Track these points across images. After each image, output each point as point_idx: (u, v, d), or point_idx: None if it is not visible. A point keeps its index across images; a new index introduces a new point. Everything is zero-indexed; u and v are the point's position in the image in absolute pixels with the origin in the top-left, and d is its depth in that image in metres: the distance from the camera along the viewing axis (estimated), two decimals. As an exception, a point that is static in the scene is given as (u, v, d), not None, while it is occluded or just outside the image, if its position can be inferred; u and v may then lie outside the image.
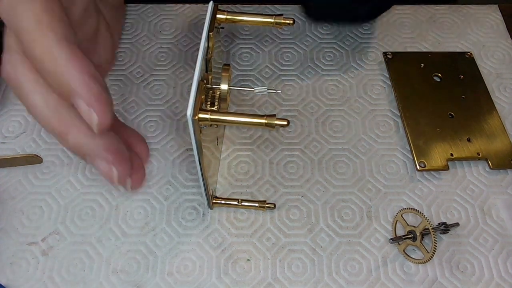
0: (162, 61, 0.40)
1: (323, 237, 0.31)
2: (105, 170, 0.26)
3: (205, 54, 0.26)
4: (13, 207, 0.32)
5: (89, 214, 0.32)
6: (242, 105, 0.37)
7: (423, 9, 0.44)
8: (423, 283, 0.30)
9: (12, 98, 0.37)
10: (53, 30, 0.23)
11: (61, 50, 0.23)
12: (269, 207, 0.32)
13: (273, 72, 0.40)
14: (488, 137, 0.36)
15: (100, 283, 0.29)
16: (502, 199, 0.33)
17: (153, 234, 0.31)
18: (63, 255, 0.30)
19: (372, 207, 0.33)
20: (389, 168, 0.35)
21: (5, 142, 0.35)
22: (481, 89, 0.38)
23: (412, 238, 0.30)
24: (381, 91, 0.39)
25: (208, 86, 0.27)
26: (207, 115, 0.24)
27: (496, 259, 0.31)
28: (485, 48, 0.42)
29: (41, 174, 0.33)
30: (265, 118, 0.24)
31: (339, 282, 0.30)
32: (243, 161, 0.35)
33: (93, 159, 0.26)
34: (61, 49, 0.23)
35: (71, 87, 0.23)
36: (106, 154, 0.25)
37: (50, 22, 0.24)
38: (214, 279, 0.30)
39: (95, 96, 0.23)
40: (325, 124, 0.37)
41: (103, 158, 0.25)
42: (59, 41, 0.23)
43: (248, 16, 0.29)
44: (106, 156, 0.25)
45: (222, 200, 0.32)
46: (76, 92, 0.23)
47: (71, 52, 0.23)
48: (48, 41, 0.23)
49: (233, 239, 0.31)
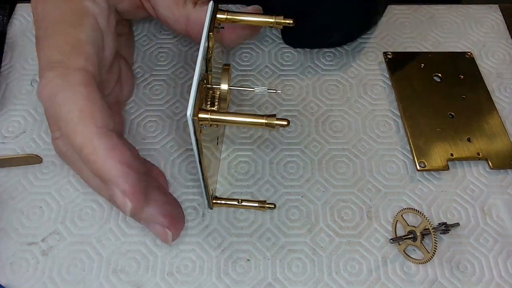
0: (162, 61, 0.40)
1: (323, 237, 0.31)
2: (160, 233, 0.27)
3: (205, 54, 0.26)
4: (13, 207, 0.32)
5: (89, 214, 0.32)
6: (242, 105, 0.37)
7: (423, 9, 0.44)
8: (423, 283, 0.30)
9: (12, 98, 0.37)
10: (94, 119, 0.24)
11: (101, 141, 0.23)
12: (269, 207, 0.32)
13: (273, 72, 0.40)
14: (488, 137, 0.36)
15: (100, 283, 0.29)
16: (502, 199, 0.33)
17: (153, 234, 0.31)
18: (63, 255, 0.30)
19: (372, 207, 0.33)
20: (389, 168, 0.35)
21: (5, 142, 0.35)
22: (481, 89, 0.38)
23: (412, 238, 0.30)
24: (381, 91, 0.39)
25: (208, 86, 0.27)
26: (207, 115, 0.24)
27: (496, 259, 0.31)
28: (485, 48, 0.42)
29: (41, 174, 0.33)
30: (265, 118, 0.24)
31: (339, 282, 0.30)
32: (243, 161, 0.35)
33: (148, 223, 0.27)
34: (100, 139, 0.23)
35: (109, 177, 0.23)
36: (163, 220, 0.27)
37: (92, 111, 0.24)
38: (214, 279, 0.30)
39: (131, 187, 0.23)
40: (325, 124, 0.37)
41: (160, 223, 0.27)
42: (99, 130, 0.23)
43: (248, 16, 0.29)
44: (163, 221, 0.27)
45: (222, 200, 0.32)
46: (114, 182, 0.23)
47: (111, 142, 0.23)
48: (88, 131, 0.23)
49: (233, 239, 0.31)
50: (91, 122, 0.23)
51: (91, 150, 0.23)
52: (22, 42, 0.40)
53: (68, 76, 0.24)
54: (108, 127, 0.24)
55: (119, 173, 0.23)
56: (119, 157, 0.23)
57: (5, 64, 0.39)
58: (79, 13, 0.27)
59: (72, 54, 0.25)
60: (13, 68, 0.39)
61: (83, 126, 0.23)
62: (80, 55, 0.25)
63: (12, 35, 0.41)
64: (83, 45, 0.26)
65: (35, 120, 0.36)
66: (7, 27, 0.41)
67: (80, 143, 0.23)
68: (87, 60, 0.25)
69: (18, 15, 0.42)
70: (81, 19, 0.27)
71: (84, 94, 0.24)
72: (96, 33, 0.27)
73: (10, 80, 0.38)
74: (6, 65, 0.39)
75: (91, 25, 0.27)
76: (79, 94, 0.24)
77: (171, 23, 0.32)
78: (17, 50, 0.40)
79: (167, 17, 0.32)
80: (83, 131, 0.23)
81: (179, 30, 0.32)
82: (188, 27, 0.31)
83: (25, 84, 0.38)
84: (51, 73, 0.24)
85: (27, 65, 0.39)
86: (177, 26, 0.32)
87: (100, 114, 0.24)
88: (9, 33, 0.41)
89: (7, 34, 0.41)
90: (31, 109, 0.36)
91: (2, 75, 0.38)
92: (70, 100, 0.24)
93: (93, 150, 0.23)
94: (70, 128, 0.24)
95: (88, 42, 0.26)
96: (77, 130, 0.23)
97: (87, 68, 0.25)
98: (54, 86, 0.24)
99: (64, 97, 0.24)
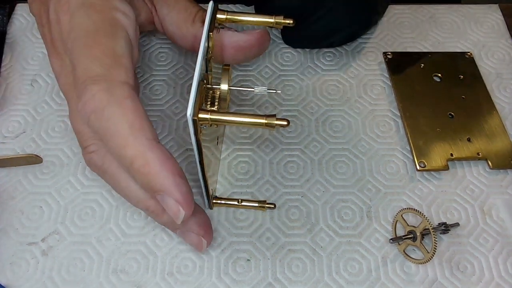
0: (162, 61, 0.40)
1: (323, 237, 0.31)
2: (196, 242, 0.28)
3: (205, 54, 0.26)
4: (13, 207, 0.32)
5: (89, 214, 0.32)
6: (242, 105, 0.37)
7: (423, 9, 0.44)
8: (423, 283, 0.30)
9: (12, 98, 0.37)
10: (144, 132, 0.24)
11: (153, 153, 0.24)
12: (269, 207, 0.32)
13: (273, 72, 0.40)
14: (488, 137, 0.36)
15: (100, 283, 0.29)
16: (502, 199, 0.33)
17: (153, 234, 0.31)
18: (63, 255, 0.30)
19: (372, 207, 0.33)
20: (389, 168, 0.35)
21: (5, 142, 0.35)
22: (481, 89, 0.38)
23: (412, 238, 0.30)
24: (381, 91, 0.39)
25: (208, 86, 0.27)
26: (207, 115, 0.24)
27: (496, 259, 0.31)
28: (485, 48, 0.42)
29: (41, 174, 0.33)
30: (265, 118, 0.24)
31: (339, 282, 0.30)
32: (243, 161, 0.35)
33: (184, 233, 0.28)
34: (152, 152, 0.24)
35: (162, 187, 0.24)
36: (198, 229, 0.28)
37: (141, 124, 0.24)
38: (214, 279, 0.30)
39: (183, 196, 0.24)
40: (325, 124, 0.37)
41: (195, 232, 0.28)
42: (150, 143, 0.24)
43: (248, 16, 0.29)
44: (198, 230, 0.28)
45: (222, 200, 0.32)
46: (167, 192, 0.24)
47: (163, 154, 0.24)
48: (140, 144, 0.24)
49: (233, 239, 0.31)
50: (142, 135, 0.24)
51: (143, 162, 0.23)
52: (22, 42, 0.40)
53: (113, 90, 0.24)
54: (156, 139, 0.24)
55: (173, 183, 0.24)
56: (172, 168, 0.24)
57: (5, 64, 0.39)
58: (111, 24, 0.27)
59: (114, 68, 0.25)
60: (13, 68, 0.39)
61: (134, 139, 0.23)
62: (121, 69, 0.25)
63: (12, 35, 0.41)
64: (121, 58, 0.26)
65: (35, 120, 0.36)
66: (7, 27, 0.41)
67: (131, 156, 0.23)
68: (126, 73, 0.25)
69: (18, 15, 0.42)
70: (115, 31, 0.27)
71: (131, 108, 0.24)
72: (128, 45, 0.27)
73: (10, 80, 0.38)
74: (6, 65, 0.39)
75: (124, 37, 0.27)
76: (126, 108, 0.24)
77: (178, 39, 0.33)
78: (17, 50, 0.40)
79: (174, 33, 0.33)
80: (134, 144, 0.23)
81: (185, 46, 0.33)
82: (195, 44, 0.32)
83: (25, 84, 0.38)
84: (95, 86, 0.24)
85: (27, 65, 0.39)
86: (184, 42, 0.33)
87: (149, 127, 0.24)
88: (9, 33, 0.41)
89: (7, 34, 0.41)
90: (31, 109, 0.36)
91: (2, 75, 0.38)
92: (119, 114, 0.24)
93: (146, 162, 0.23)
94: (120, 142, 0.24)
95: (124, 55, 0.26)
96: (128, 143, 0.24)
97: (128, 82, 0.25)
98: (100, 100, 0.24)
99: (112, 112, 0.24)
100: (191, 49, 0.33)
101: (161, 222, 0.28)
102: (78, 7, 0.27)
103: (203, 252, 0.29)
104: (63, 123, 0.36)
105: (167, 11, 0.33)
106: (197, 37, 0.32)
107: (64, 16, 0.27)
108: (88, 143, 0.27)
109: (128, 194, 0.27)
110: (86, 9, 0.27)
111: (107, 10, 0.27)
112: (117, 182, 0.27)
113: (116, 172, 0.26)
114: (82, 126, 0.27)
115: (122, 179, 0.26)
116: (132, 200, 0.27)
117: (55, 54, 0.29)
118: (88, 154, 0.27)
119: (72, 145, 0.35)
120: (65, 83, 0.28)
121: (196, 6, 0.33)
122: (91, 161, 0.27)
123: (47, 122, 0.36)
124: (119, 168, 0.26)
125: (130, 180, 0.26)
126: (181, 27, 0.32)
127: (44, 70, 0.39)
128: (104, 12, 0.27)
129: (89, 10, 0.27)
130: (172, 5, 0.33)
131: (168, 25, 0.33)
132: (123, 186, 0.27)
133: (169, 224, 0.28)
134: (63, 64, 0.29)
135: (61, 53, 0.29)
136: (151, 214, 0.27)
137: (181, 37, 0.33)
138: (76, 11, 0.27)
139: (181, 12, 0.32)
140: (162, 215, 0.27)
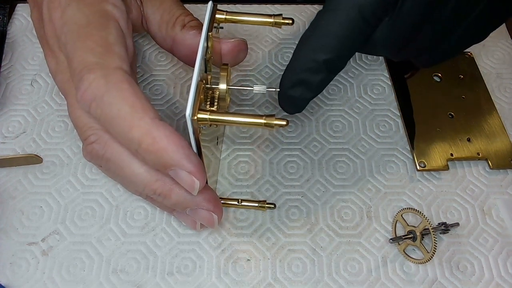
0: (162, 61, 0.40)
1: (323, 237, 0.31)
2: (207, 218, 0.28)
3: (204, 54, 0.26)
4: (13, 207, 0.32)
5: (89, 214, 0.32)
6: (242, 105, 0.38)
7: (423, 9, 0.44)
8: (423, 283, 0.30)
9: (12, 98, 0.37)
10: (147, 112, 0.24)
11: (159, 130, 0.24)
12: (269, 207, 0.32)
13: (273, 72, 0.40)
14: (488, 137, 0.36)
15: (100, 283, 0.29)
16: (502, 199, 0.33)
17: (153, 234, 0.31)
18: (63, 255, 0.30)
19: (372, 207, 0.33)
20: (389, 168, 0.35)
21: (5, 142, 0.35)
22: (481, 89, 0.38)
23: (412, 238, 0.30)
24: (381, 91, 0.39)
25: (207, 86, 0.27)
26: (206, 115, 0.24)
27: (496, 259, 0.31)
28: (485, 48, 0.42)
29: (41, 174, 0.33)
30: (264, 118, 0.24)
31: (339, 282, 0.30)
32: (243, 161, 0.35)
33: (194, 211, 0.28)
34: (158, 129, 0.24)
35: (173, 162, 0.24)
36: (208, 205, 0.27)
37: (142, 105, 0.25)
38: (214, 279, 0.30)
39: (195, 166, 0.24)
40: (325, 124, 0.37)
41: (205, 208, 0.27)
42: (154, 121, 0.24)
43: (248, 16, 0.29)
44: (208, 205, 0.27)
45: (222, 200, 0.32)
46: (179, 165, 0.24)
47: (167, 130, 0.24)
48: (145, 124, 0.24)
49: (233, 239, 0.31)
50: (145, 115, 0.24)
51: (151, 140, 0.24)
52: (22, 42, 0.40)
53: (109, 76, 0.25)
54: (159, 117, 0.25)
55: (183, 155, 0.24)
56: (179, 142, 0.24)
57: (5, 64, 0.39)
58: (102, 16, 0.27)
59: (107, 55, 0.26)
60: (13, 68, 0.39)
61: (139, 120, 0.24)
62: (114, 55, 0.26)
63: (12, 35, 0.41)
64: (114, 46, 0.26)
65: (35, 120, 0.36)
66: (7, 27, 0.41)
67: (139, 136, 0.24)
68: (120, 59, 0.26)
69: (18, 15, 0.42)
70: (106, 22, 0.27)
71: (130, 91, 0.25)
72: (121, 34, 0.28)
73: (10, 80, 0.38)
74: (6, 65, 0.39)
75: (115, 28, 0.27)
76: (125, 91, 0.24)
77: (159, 40, 0.33)
78: (17, 50, 0.40)
79: (155, 34, 0.33)
80: (140, 125, 0.24)
81: (165, 48, 0.34)
82: (173, 47, 0.32)
83: (25, 84, 0.38)
84: (91, 75, 0.25)
85: (27, 65, 0.39)
86: (164, 44, 0.33)
87: (149, 106, 0.25)
88: (9, 33, 0.41)
89: (7, 34, 0.41)
90: (31, 109, 0.36)
91: (2, 75, 0.38)
92: (119, 98, 0.24)
93: (153, 140, 0.24)
94: (125, 125, 0.24)
95: (116, 43, 0.27)
96: (133, 125, 0.24)
97: (123, 67, 0.26)
98: (98, 87, 0.24)
99: (112, 97, 0.24)
100: (170, 52, 0.33)
101: (170, 204, 0.28)
102: (69, 2, 0.27)
103: (215, 227, 0.29)
104: (63, 123, 0.36)
105: (151, 11, 0.33)
106: (175, 41, 0.31)
107: (56, 12, 0.28)
108: (88, 133, 0.27)
109: (133, 180, 0.27)
110: (77, 3, 0.27)
111: (97, 2, 0.28)
112: (121, 168, 0.27)
113: (120, 158, 0.26)
114: (82, 118, 0.27)
115: (126, 164, 0.26)
116: (138, 187, 0.27)
117: (50, 52, 0.29)
118: (89, 145, 0.27)
119: (72, 145, 0.35)
120: (62, 79, 0.29)
121: (180, 9, 0.33)
122: (93, 151, 0.27)
123: (47, 122, 0.36)
124: (122, 154, 0.26)
125: (134, 164, 0.26)
126: (162, 29, 0.32)
127: (44, 70, 0.39)
128: (95, 5, 0.27)
129: (79, 4, 0.27)
130: (156, 6, 0.33)
131: (150, 25, 0.33)
132: (127, 173, 0.27)
133: (179, 204, 0.27)
134: (58, 61, 0.29)
135: (56, 51, 0.29)
136: (158, 198, 0.27)
137: (161, 38, 0.33)
138: (67, 6, 0.27)
139: (165, 14, 0.32)
140: (170, 195, 0.27)
